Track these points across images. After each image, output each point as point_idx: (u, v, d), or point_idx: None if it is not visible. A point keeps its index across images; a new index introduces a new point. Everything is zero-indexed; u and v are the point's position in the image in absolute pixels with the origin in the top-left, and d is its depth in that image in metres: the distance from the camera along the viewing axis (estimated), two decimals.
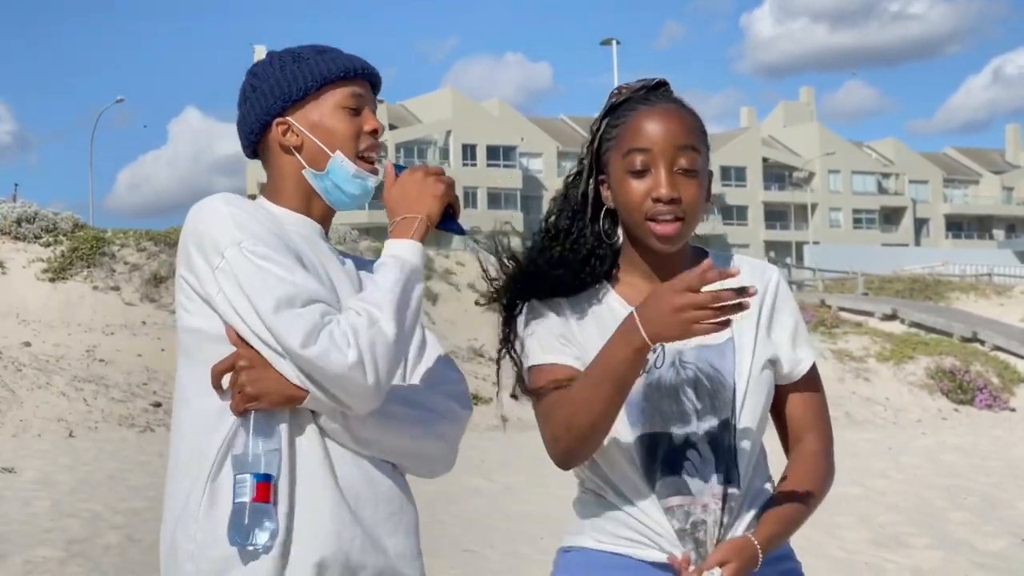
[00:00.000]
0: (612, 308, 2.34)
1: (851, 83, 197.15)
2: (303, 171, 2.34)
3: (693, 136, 2.28)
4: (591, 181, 2.36)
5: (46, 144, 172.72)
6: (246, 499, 2.11)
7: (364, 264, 2.46)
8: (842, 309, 30.17)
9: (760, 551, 2.22)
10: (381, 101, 2.72)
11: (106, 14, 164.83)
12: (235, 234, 2.16)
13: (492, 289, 2.38)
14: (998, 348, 27.44)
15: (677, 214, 2.25)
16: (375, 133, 2.37)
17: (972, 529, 9.91)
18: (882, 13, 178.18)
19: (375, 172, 2.36)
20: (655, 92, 2.33)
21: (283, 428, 2.17)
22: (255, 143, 2.40)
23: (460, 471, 2.52)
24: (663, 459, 2.25)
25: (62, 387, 15.97)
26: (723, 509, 2.25)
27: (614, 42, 45.51)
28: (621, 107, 2.33)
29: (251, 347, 2.14)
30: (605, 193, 2.34)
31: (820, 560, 8.37)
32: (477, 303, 2.51)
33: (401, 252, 2.25)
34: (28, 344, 17.34)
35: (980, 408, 24.04)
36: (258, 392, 2.13)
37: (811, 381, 2.40)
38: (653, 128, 2.26)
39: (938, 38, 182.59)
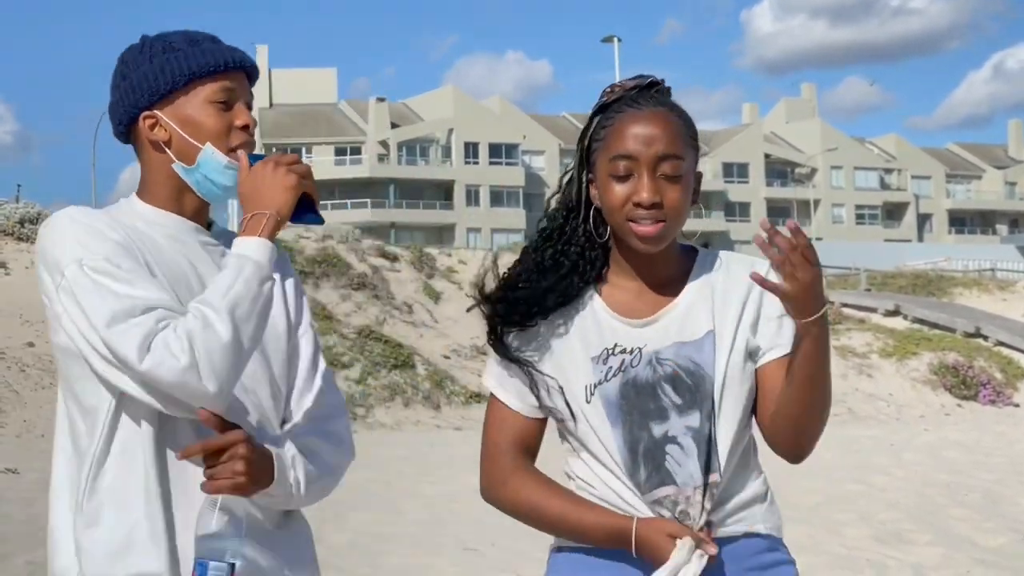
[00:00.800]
0: (595, 312, 2.37)
1: (851, 79, 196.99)
2: (172, 165, 2.29)
3: (679, 143, 2.28)
4: (582, 179, 2.38)
5: (47, 144, 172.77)
6: None
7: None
8: (845, 305, 30.14)
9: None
10: (383, 99, 2.69)
11: (107, 13, 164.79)
12: (76, 251, 2.15)
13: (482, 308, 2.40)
14: (1001, 343, 27.40)
15: (658, 217, 2.26)
16: (247, 128, 2.31)
17: (973, 526, 9.92)
18: (882, 9, 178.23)
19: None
20: (646, 93, 2.34)
21: (243, 506, 2.17)
22: (126, 132, 2.35)
23: (461, 469, 2.56)
24: (644, 454, 2.27)
25: None
26: (704, 497, 2.27)
27: (615, 39, 45.49)
28: (612, 107, 2.34)
29: (252, 445, 2.13)
30: (593, 192, 2.37)
31: (821, 557, 8.38)
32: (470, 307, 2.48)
33: (245, 250, 2.18)
34: (32, 344, 17.36)
35: (983, 404, 24.03)
36: (250, 486, 2.12)
37: None
38: (638, 134, 2.27)
39: (938, 33, 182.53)
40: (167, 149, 2.28)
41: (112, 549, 2.13)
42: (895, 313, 29.72)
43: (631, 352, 2.30)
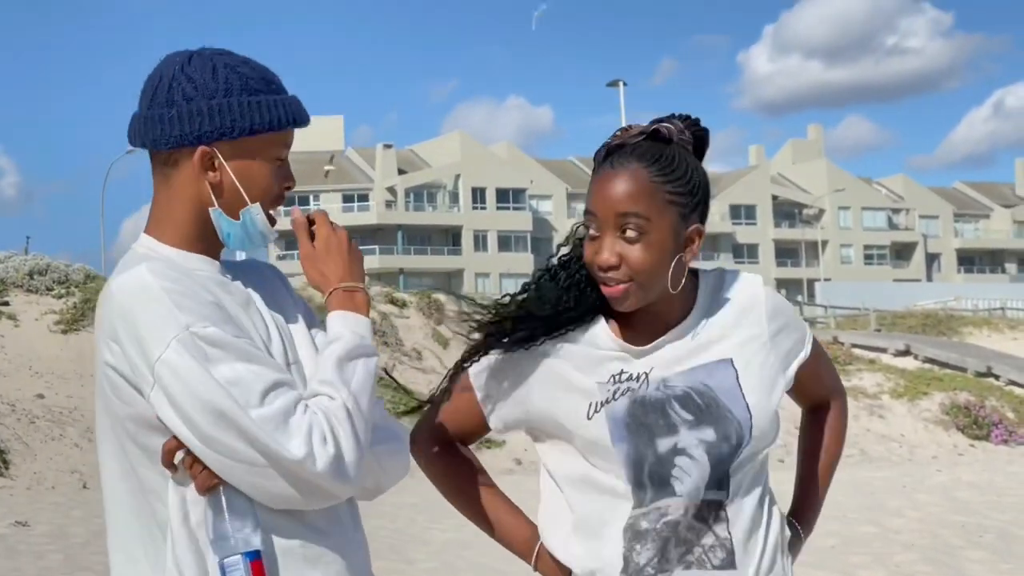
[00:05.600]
0: (600, 338, 2.33)
1: (851, 119, 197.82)
2: (211, 208, 2.12)
3: (643, 201, 2.21)
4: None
5: (50, 195, 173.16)
6: None
7: (249, 273, 2.26)
8: (855, 346, 30.06)
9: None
10: (389, 146, 2.63)
11: (108, 66, 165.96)
12: (179, 318, 1.96)
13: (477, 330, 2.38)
14: (1013, 383, 27.27)
15: (619, 278, 2.23)
16: (288, 189, 2.19)
17: (989, 567, 9.84)
18: (877, 48, 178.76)
19: (275, 228, 2.20)
20: (642, 146, 2.25)
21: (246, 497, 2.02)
22: (161, 152, 2.13)
23: None
24: (649, 473, 2.24)
25: (76, 438, 15.97)
26: (700, 517, 2.24)
27: (621, 83, 45.65)
28: (606, 159, 2.28)
29: None
30: None
31: None
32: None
33: (363, 330, 2.13)
34: (41, 396, 17.36)
35: (996, 443, 23.88)
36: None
37: (815, 353, 2.47)
38: (600, 194, 2.24)
39: (936, 72, 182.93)
40: (211, 191, 2.11)
41: None
42: (906, 353, 29.62)
43: (637, 379, 2.28)
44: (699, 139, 2.34)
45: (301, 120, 2.16)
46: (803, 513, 2.55)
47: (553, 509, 2.38)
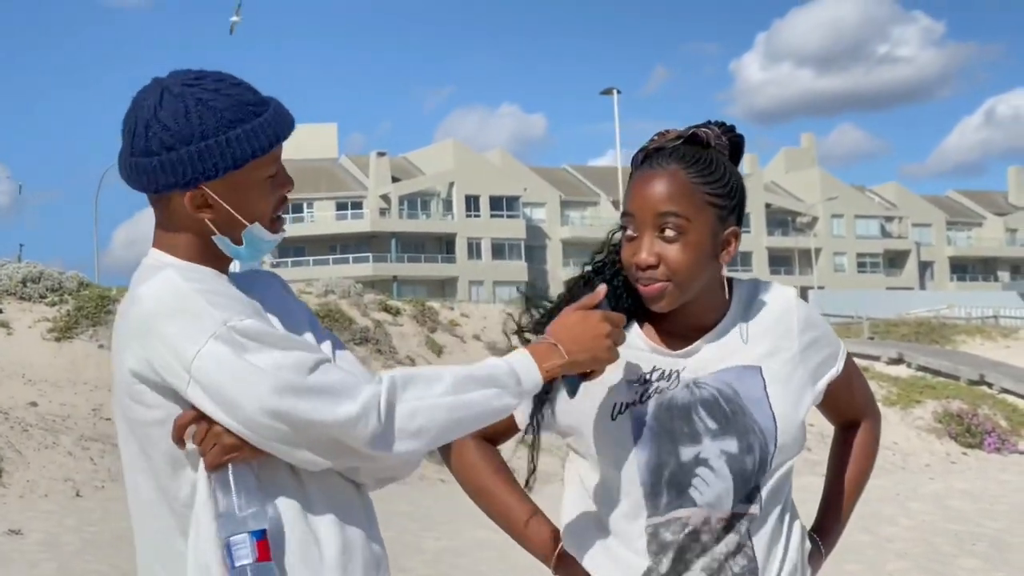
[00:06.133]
0: (634, 342, 2.34)
1: (843, 127, 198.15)
2: (213, 237, 2.13)
3: (682, 201, 2.24)
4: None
5: (44, 203, 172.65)
6: (249, 561, 1.97)
7: (255, 282, 2.26)
8: (848, 354, 30.06)
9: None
10: (383, 154, 2.60)
11: (104, 75, 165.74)
12: (215, 314, 1.98)
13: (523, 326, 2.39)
14: (1006, 391, 27.30)
15: (657, 277, 2.25)
16: (288, 191, 2.19)
17: (982, 575, 9.85)
18: (868, 57, 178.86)
19: (283, 229, 2.22)
20: (679, 150, 2.29)
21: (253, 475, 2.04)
22: (152, 193, 2.15)
23: (467, 523, 2.56)
24: (668, 479, 2.26)
25: (69, 446, 15.94)
26: (728, 527, 2.26)
27: (615, 92, 45.72)
28: (644, 162, 2.32)
29: None
30: None
31: None
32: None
33: (526, 376, 2.11)
34: (34, 404, 17.32)
35: (989, 451, 23.89)
36: (237, 441, 2.00)
37: (848, 370, 2.56)
38: (639, 194, 2.27)
39: (928, 81, 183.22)
40: (209, 221, 2.11)
41: None
42: (899, 361, 29.65)
43: (668, 377, 2.31)
44: (735, 145, 2.40)
45: (284, 133, 2.14)
46: (825, 529, 2.57)
47: (576, 513, 2.40)
